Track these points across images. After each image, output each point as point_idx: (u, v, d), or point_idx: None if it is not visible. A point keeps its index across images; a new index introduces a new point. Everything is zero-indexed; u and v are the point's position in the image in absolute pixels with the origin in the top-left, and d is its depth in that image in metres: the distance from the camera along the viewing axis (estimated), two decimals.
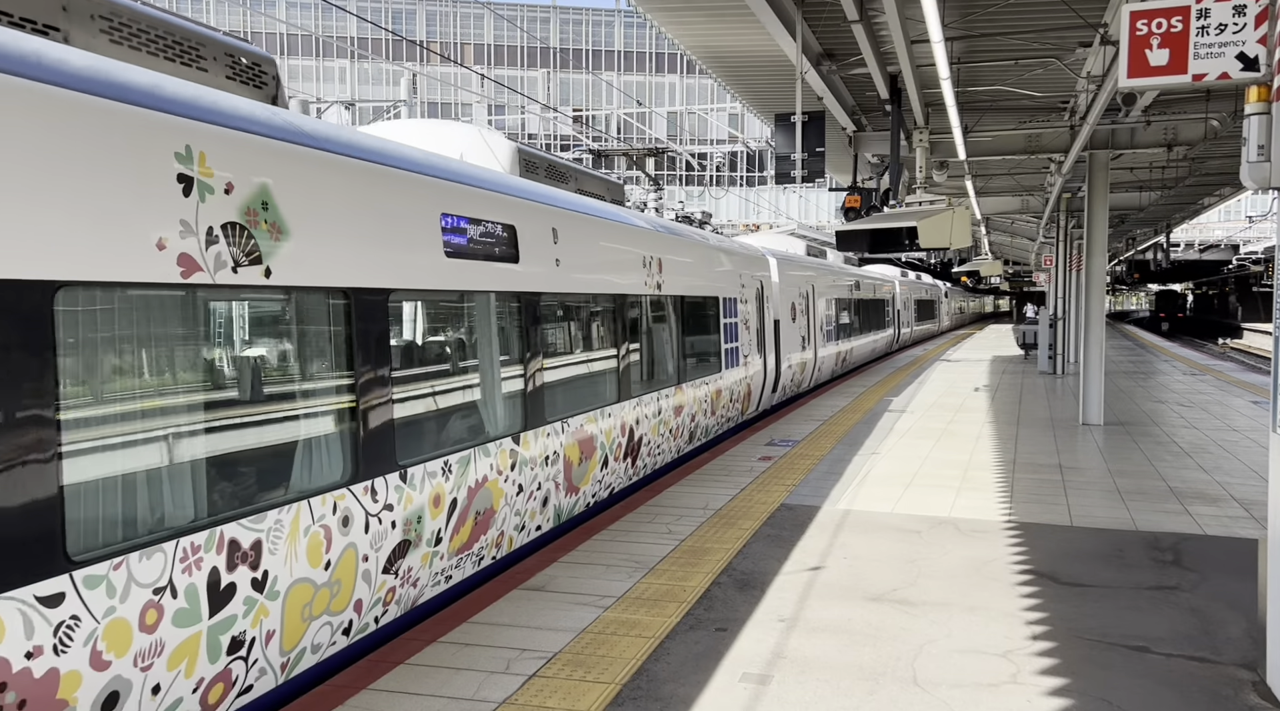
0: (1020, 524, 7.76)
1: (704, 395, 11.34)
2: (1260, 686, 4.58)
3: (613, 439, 8.51)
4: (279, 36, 64.66)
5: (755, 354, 13.82)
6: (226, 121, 4.14)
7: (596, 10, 71.44)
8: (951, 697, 4.47)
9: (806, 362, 17.77)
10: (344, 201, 4.90)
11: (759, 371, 14.15)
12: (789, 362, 16.22)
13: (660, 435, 9.88)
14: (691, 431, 10.97)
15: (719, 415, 12.13)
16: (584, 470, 7.94)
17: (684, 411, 10.58)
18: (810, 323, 18.17)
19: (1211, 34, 4.83)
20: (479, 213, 6.43)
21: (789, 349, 16.18)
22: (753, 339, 13.69)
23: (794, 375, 16.82)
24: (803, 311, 17.42)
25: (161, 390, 3.87)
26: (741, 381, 13.07)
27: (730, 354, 12.49)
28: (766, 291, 14.58)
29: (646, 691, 4.55)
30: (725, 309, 12.26)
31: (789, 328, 16.24)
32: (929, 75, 10.87)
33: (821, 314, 19.19)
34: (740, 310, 13.00)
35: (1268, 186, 4.49)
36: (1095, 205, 14.33)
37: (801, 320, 17.26)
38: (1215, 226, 63.70)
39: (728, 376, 12.37)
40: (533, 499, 7.00)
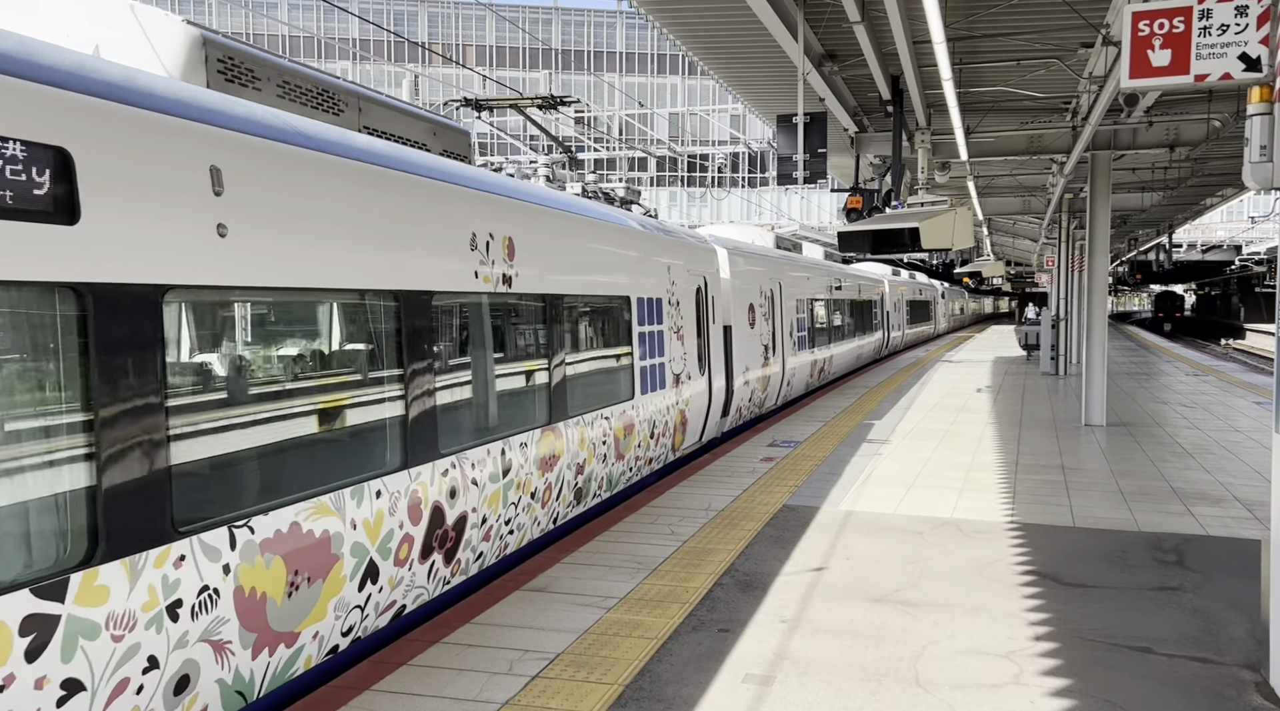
0: (1023, 525, 7.75)
1: (601, 434, 8.36)
2: (1263, 687, 4.57)
3: (384, 534, 5.27)
4: (281, 38, 64.75)
5: (695, 370, 11.08)
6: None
7: (598, 11, 71.53)
8: (954, 698, 4.46)
9: (771, 376, 15.09)
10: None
11: (700, 393, 11.28)
12: (746, 378, 13.55)
13: (510, 506, 6.68)
14: (580, 487, 7.96)
15: (634, 457, 9.25)
16: (301, 607, 4.63)
17: (561, 462, 7.51)
18: (777, 328, 15.53)
19: (1214, 34, 4.84)
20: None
21: (746, 361, 13.56)
22: (689, 351, 10.90)
23: (754, 393, 14.11)
24: (766, 315, 14.72)
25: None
26: (670, 408, 10.19)
27: (650, 373, 9.65)
28: (712, 290, 11.82)
29: (649, 692, 4.55)
30: (643, 313, 9.52)
31: (746, 335, 13.54)
32: (931, 76, 10.87)
33: (791, 317, 16.60)
34: (668, 315, 10.21)
35: (1270, 187, 4.48)
36: (1097, 206, 14.32)
37: (763, 325, 14.55)
38: (1218, 227, 63.67)
39: (646, 404, 9.53)
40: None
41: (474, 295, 6.41)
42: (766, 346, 14.69)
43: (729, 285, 12.93)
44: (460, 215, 6.23)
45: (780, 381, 15.77)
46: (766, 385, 14.80)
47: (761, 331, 14.44)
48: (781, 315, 15.86)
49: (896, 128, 12.50)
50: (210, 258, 4.19)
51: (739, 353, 13.17)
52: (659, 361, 9.93)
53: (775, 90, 14.14)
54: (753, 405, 14.21)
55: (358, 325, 5.38)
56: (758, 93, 14.73)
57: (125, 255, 3.76)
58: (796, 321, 16.97)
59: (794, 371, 16.72)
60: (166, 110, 4.04)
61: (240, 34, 64.94)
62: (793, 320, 16.69)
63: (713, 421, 12.03)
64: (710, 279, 11.81)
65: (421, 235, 5.77)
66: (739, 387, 13.23)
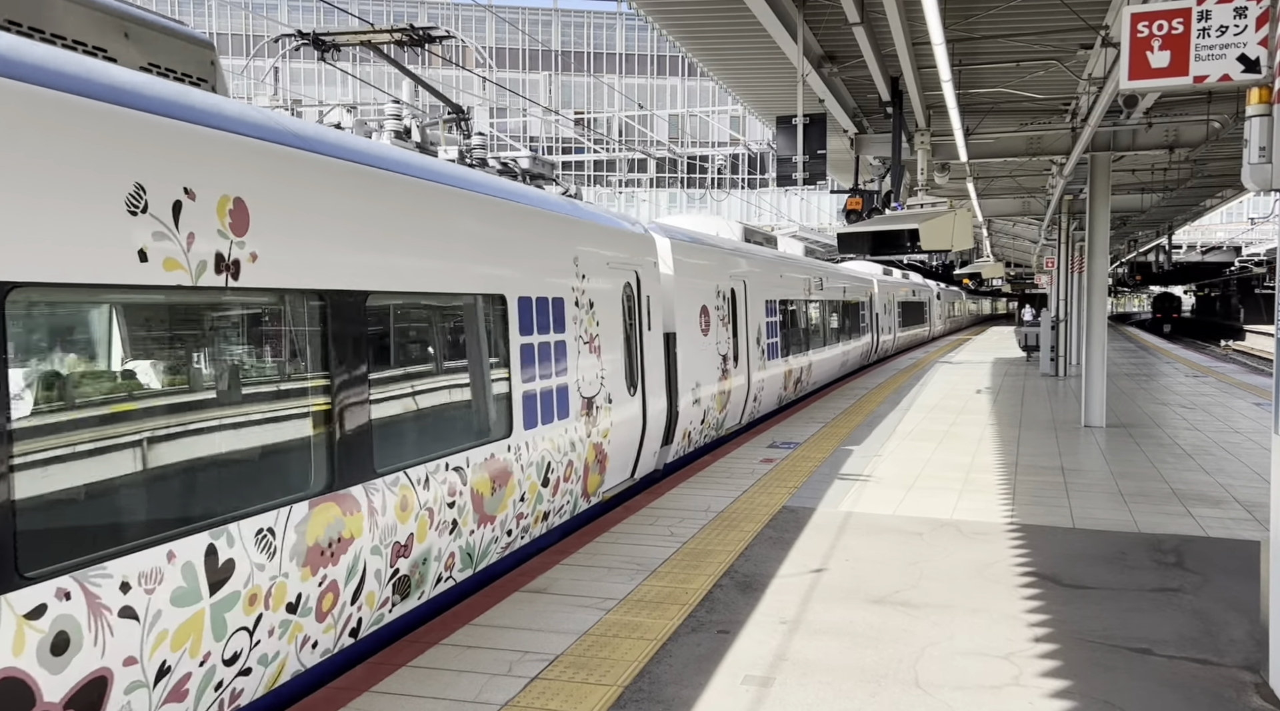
0: (1022, 526, 7.75)
1: (448, 492, 5.85)
2: (1263, 688, 4.57)
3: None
4: (281, 39, 64.74)
5: (620, 390, 8.75)
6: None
7: (598, 13, 71.57)
8: (954, 700, 4.46)
9: (732, 392, 12.74)
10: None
11: (630, 419, 8.99)
12: (696, 396, 11.14)
13: (239, 634, 4.20)
14: (406, 576, 5.49)
15: (514, 516, 6.70)
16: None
17: (356, 547, 5.00)
18: (741, 334, 13.28)
19: (1212, 36, 4.84)
20: None
21: (697, 375, 11.18)
22: (611, 367, 8.55)
23: (708, 413, 11.70)
24: (725, 318, 12.50)
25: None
26: (577, 443, 7.78)
27: (541, 400, 7.14)
28: (647, 289, 9.56)
29: (648, 693, 4.55)
30: (528, 318, 7.04)
31: (697, 344, 11.23)
32: (930, 77, 10.88)
33: (759, 321, 14.31)
34: (574, 320, 7.84)
35: (1269, 188, 4.49)
36: (1097, 207, 14.33)
37: (721, 332, 12.24)
38: (1217, 228, 63.69)
39: (535, 442, 7.01)
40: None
41: (142, 290, 3.86)
42: (725, 356, 12.35)
43: (674, 283, 10.59)
44: (106, 152, 3.64)
45: (745, 397, 13.53)
46: (726, 402, 12.47)
47: (719, 339, 12.11)
48: (747, 319, 13.58)
49: (896, 129, 12.51)
50: None
51: (687, 365, 10.76)
52: (558, 382, 7.46)
53: (775, 91, 14.15)
54: (707, 428, 11.80)
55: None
56: (757, 94, 14.74)
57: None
58: (766, 326, 14.66)
59: (762, 384, 14.41)
60: None
61: (240, 34, 65.01)
62: (761, 325, 14.39)
63: (650, 452, 9.61)
64: (645, 275, 9.49)
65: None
66: (686, 408, 10.75)
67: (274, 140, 4.66)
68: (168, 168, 3.93)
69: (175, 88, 4.23)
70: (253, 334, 4.74)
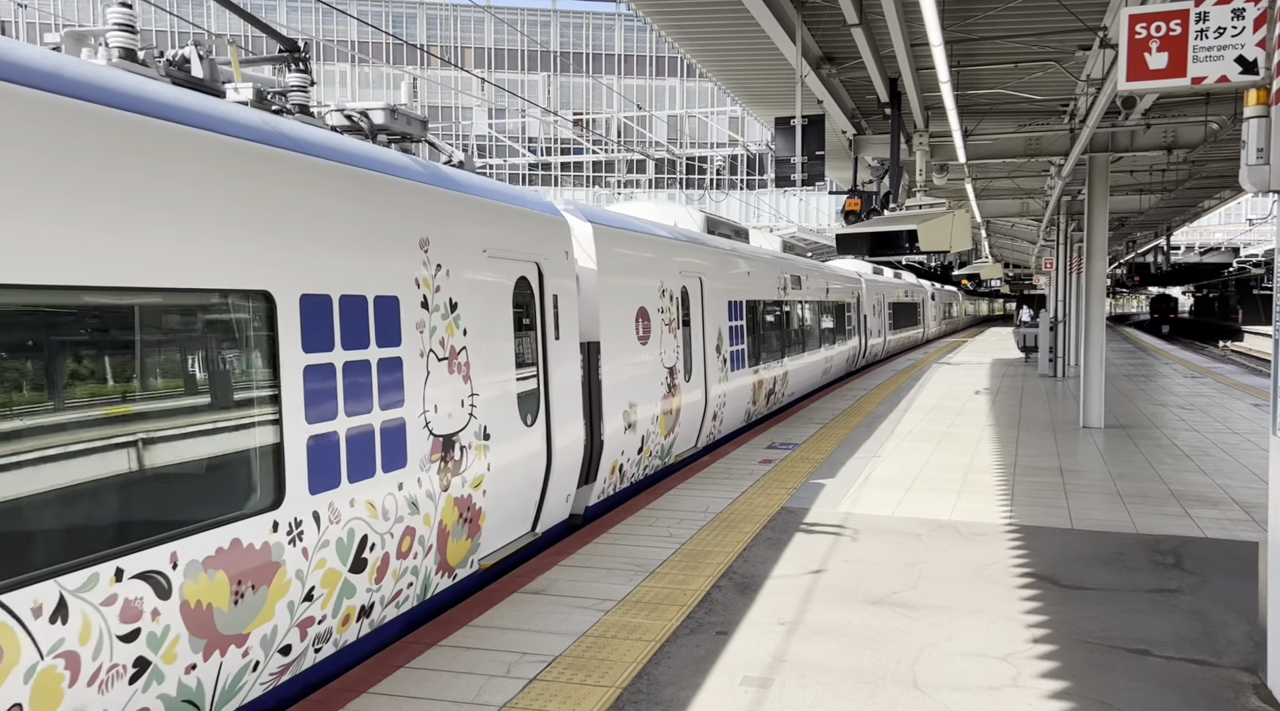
0: (1021, 527, 7.76)
1: (126, 615, 3.68)
2: (1261, 689, 4.57)
3: None
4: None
5: (508, 422, 6.70)
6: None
7: (597, 14, 71.56)
8: (952, 701, 4.46)
9: (682, 410, 10.70)
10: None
11: (528, 457, 6.99)
12: (631, 419, 9.21)
13: None
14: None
15: (305, 622, 4.71)
16: None
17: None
18: (696, 341, 11.42)
19: (1210, 37, 4.84)
20: None
21: (632, 394, 9.24)
22: (488, 392, 6.45)
23: (648, 439, 9.69)
24: (671, 323, 10.50)
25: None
26: (417, 503, 5.63)
27: (345, 448, 5.07)
28: (553, 286, 7.50)
29: (647, 695, 4.55)
30: (320, 326, 4.94)
31: (631, 355, 9.30)
32: (929, 78, 10.89)
33: (720, 325, 12.35)
34: (417, 327, 5.71)
35: (1267, 189, 4.49)
36: (1095, 208, 14.34)
37: (667, 339, 10.32)
38: (1215, 229, 63.71)
39: (340, 508, 4.96)
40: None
41: None
42: (674, 369, 10.45)
43: (599, 280, 8.66)
44: None
45: (701, 415, 11.50)
46: (673, 424, 10.47)
47: (664, 348, 10.16)
48: (704, 323, 11.66)
49: (894, 130, 12.51)
50: None
51: (617, 382, 8.88)
52: (385, 418, 5.35)
53: (773, 92, 14.16)
54: (649, 457, 9.82)
55: None
56: (756, 95, 14.74)
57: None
58: (731, 331, 12.75)
59: (724, 400, 12.41)
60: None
61: (238, 35, 64.98)
62: (723, 330, 12.40)
63: (559, 496, 7.55)
64: (553, 268, 7.44)
65: None
66: (616, 435, 8.82)
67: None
68: None
69: None
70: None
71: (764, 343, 14.64)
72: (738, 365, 13.05)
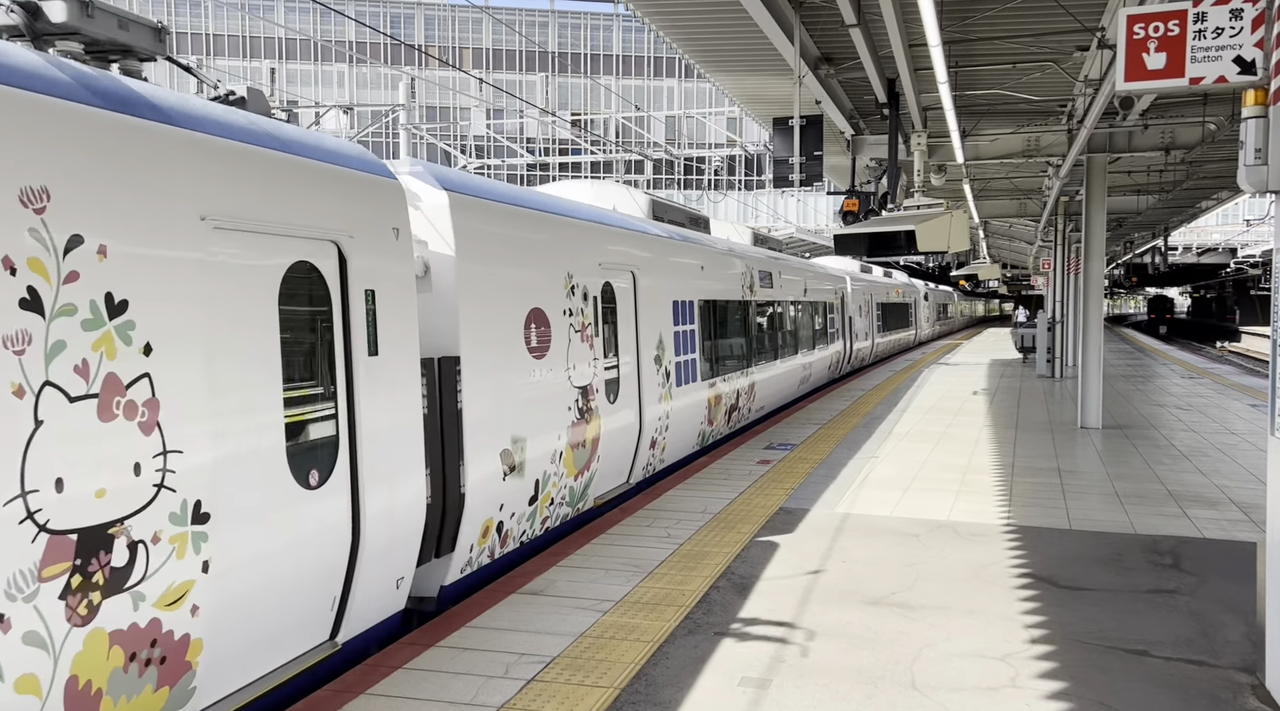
0: (1019, 527, 7.76)
1: None
2: (1259, 690, 4.57)
3: None
4: (278, 40, 64.74)
5: (249, 493, 4.37)
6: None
7: (595, 14, 71.54)
8: (950, 701, 4.46)
9: (603, 439, 8.49)
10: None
11: (288, 545, 4.61)
12: (517, 459, 6.92)
13: None
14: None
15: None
16: None
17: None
18: (628, 350, 9.24)
19: (1208, 37, 4.84)
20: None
21: (518, 424, 6.97)
22: (195, 452, 4.04)
23: (546, 482, 7.45)
24: (588, 328, 8.30)
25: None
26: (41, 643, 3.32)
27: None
28: (361, 277, 5.24)
29: (645, 695, 4.54)
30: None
31: (516, 371, 7.02)
32: (927, 79, 10.89)
33: (664, 331, 10.15)
34: (18, 343, 3.28)
35: (1265, 189, 4.49)
36: (1093, 208, 14.35)
37: (580, 349, 8.10)
38: (1213, 230, 63.76)
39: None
40: None
41: None
42: (587, 389, 8.15)
43: (457, 271, 6.31)
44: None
45: (634, 443, 9.30)
46: (589, 458, 8.20)
47: (572, 361, 7.90)
48: (638, 328, 9.45)
49: (892, 130, 12.52)
50: None
51: (491, 411, 6.55)
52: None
53: (771, 93, 14.16)
54: (551, 505, 7.53)
55: None
56: (754, 96, 14.74)
57: None
58: (678, 337, 10.60)
59: (667, 422, 10.16)
60: None
61: (236, 36, 64.96)
62: (666, 336, 10.21)
63: (378, 585, 5.38)
64: (364, 250, 5.25)
65: None
66: (487, 486, 6.49)
67: None
68: None
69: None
70: None
71: (724, 350, 12.61)
72: (687, 378, 10.86)
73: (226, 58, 64.17)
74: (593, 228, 8.72)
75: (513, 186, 7.76)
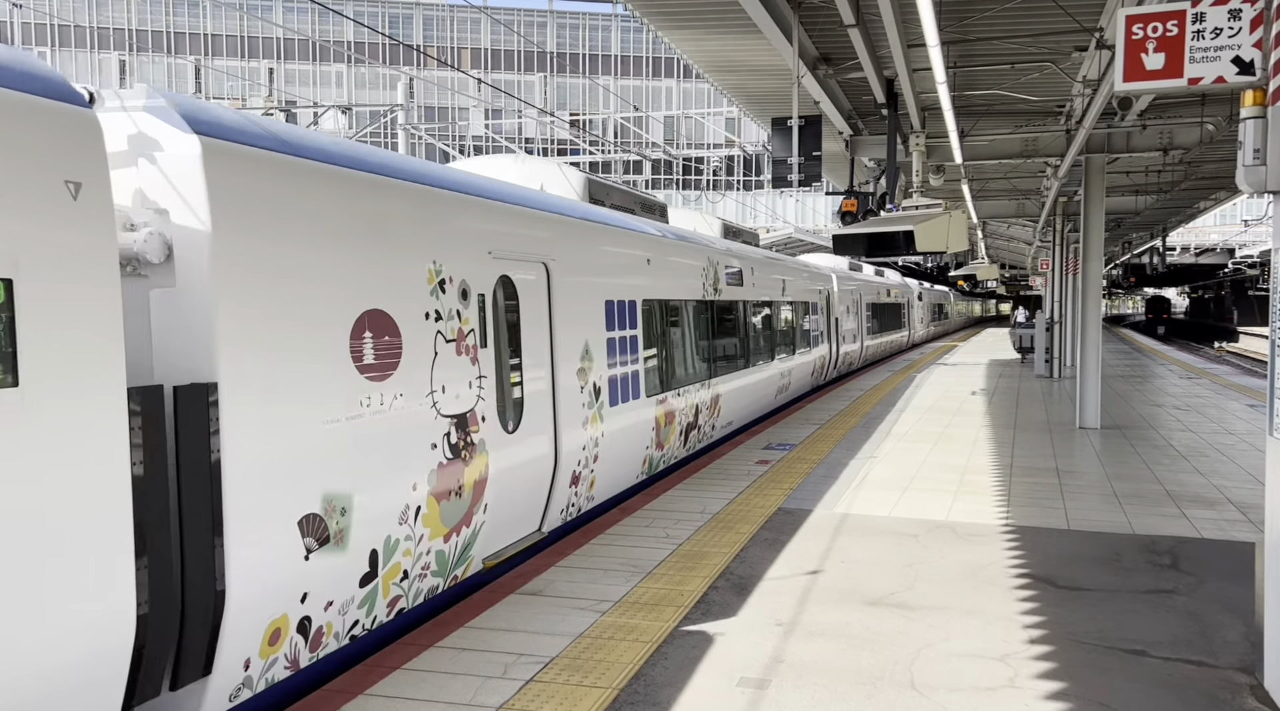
0: (1017, 528, 7.76)
1: None
2: (1258, 690, 4.57)
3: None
4: (276, 40, 64.69)
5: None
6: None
7: (593, 15, 71.50)
8: (949, 702, 4.46)
9: (499, 480, 6.57)
10: None
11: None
12: (325, 532, 4.88)
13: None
14: None
15: None
16: None
17: None
18: (537, 363, 7.32)
19: (1207, 38, 4.84)
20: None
21: (333, 482, 4.95)
22: None
23: (391, 554, 5.42)
24: (465, 336, 6.22)
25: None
26: None
27: None
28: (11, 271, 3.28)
29: (644, 696, 4.54)
30: None
31: (330, 400, 4.97)
32: (925, 79, 10.89)
33: (590, 338, 8.25)
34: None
35: (1263, 190, 4.50)
36: (1091, 209, 14.36)
37: (450, 365, 6.04)
38: (1211, 230, 63.86)
39: None
40: None
41: None
42: (465, 418, 6.15)
43: (215, 252, 4.34)
44: None
45: (547, 482, 7.37)
46: (467, 512, 6.17)
47: (439, 382, 5.90)
48: (553, 335, 7.55)
49: (891, 131, 12.52)
50: None
51: (280, 460, 4.63)
52: None
53: (770, 93, 14.16)
54: (400, 581, 5.55)
55: None
56: (753, 96, 14.75)
57: None
58: (613, 346, 8.74)
59: (597, 449, 8.22)
60: None
61: (235, 36, 64.92)
62: (592, 344, 8.25)
63: None
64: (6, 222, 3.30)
65: None
66: (269, 573, 4.56)
67: None
68: None
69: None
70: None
71: (679, 358, 10.73)
72: (625, 394, 8.95)
73: (225, 58, 64.14)
74: (478, 204, 6.51)
75: (335, 139, 5.61)
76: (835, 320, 21.36)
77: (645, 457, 9.63)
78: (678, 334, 10.78)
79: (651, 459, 9.83)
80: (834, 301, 21.27)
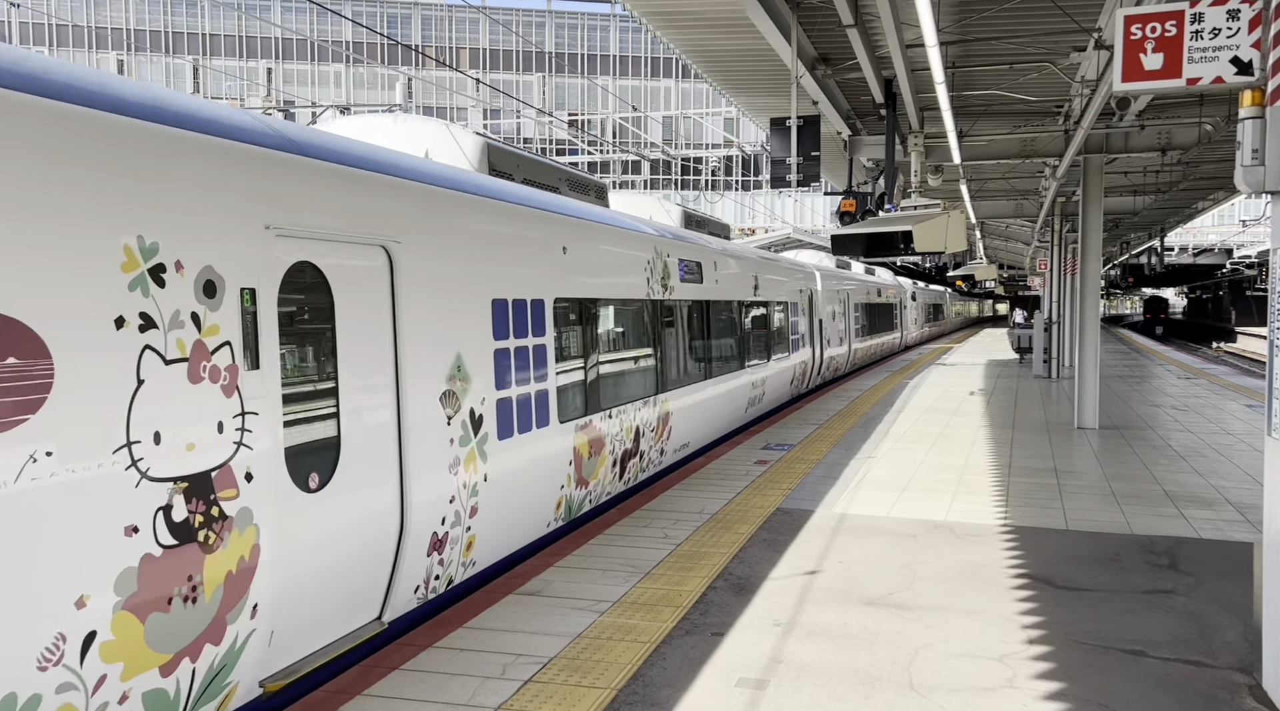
0: (1016, 528, 7.76)
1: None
2: (1256, 690, 4.58)
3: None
4: (274, 40, 64.66)
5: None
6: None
7: (592, 15, 71.53)
8: (948, 702, 4.46)
9: (290, 565, 4.55)
10: None
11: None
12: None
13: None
14: None
15: None
16: None
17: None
18: (379, 386, 5.37)
19: (1205, 38, 4.85)
20: None
21: None
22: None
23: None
24: (215, 350, 4.13)
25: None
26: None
27: None
28: None
29: (642, 696, 4.54)
30: None
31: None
32: (924, 79, 10.89)
33: (463, 349, 6.17)
34: None
35: (1262, 190, 4.50)
36: (1089, 209, 14.36)
37: (166, 394, 3.86)
38: (1209, 230, 63.94)
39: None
40: None
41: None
42: (205, 479, 4.05)
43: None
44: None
45: (392, 553, 5.47)
46: (219, 615, 4.11)
47: (144, 427, 3.76)
48: (397, 346, 5.53)
49: (890, 131, 12.52)
50: None
51: None
52: None
53: (769, 93, 14.16)
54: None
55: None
56: (751, 96, 14.74)
57: None
58: (510, 357, 6.82)
59: (477, 498, 6.29)
60: None
61: (233, 36, 64.89)
62: (466, 357, 6.20)
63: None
64: None
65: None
66: None
67: None
68: None
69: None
70: None
71: (611, 371, 8.89)
72: (526, 423, 7.01)
73: (223, 58, 64.12)
74: (243, 153, 4.44)
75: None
76: (819, 322, 19.72)
77: (560, 499, 7.66)
78: (609, 341, 8.92)
79: (570, 500, 7.86)
80: (818, 301, 19.68)
